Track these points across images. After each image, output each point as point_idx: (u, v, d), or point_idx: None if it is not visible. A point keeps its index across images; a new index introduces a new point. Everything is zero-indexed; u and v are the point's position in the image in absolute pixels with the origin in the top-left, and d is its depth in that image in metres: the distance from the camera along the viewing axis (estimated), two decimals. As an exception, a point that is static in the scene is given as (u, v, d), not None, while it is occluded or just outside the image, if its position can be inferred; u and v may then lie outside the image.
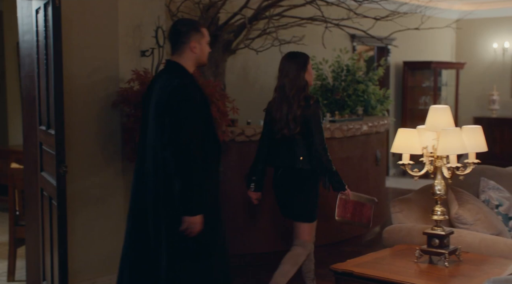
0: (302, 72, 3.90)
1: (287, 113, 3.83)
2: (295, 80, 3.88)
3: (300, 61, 3.93)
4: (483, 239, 3.32)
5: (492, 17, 10.99)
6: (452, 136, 2.90)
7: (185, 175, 2.94)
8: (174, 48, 3.25)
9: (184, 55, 3.22)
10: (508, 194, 3.91)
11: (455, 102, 10.77)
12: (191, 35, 3.22)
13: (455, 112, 10.75)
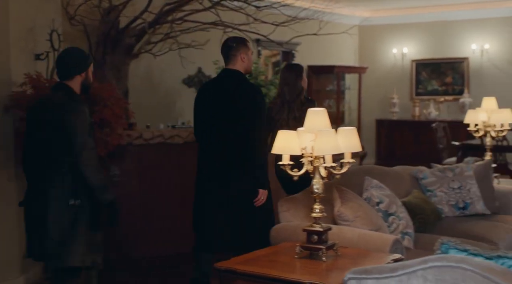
0: (299, 79, 4.82)
1: (288, 114, 4.69)
2: (293, 86, 4.78)
3: (297, 71, 4.86)
4: (361, 234, 3.51)
5: (391, 24, 11.50)
6: (327, 137, 3.06)
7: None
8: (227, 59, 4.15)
9: (236, 64, 4.11)
10: (389, 192, 4.15)
11: (358, 105, 11.19)
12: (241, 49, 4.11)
13: (358, 114, 11.17)
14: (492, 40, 10.62)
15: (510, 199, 4.98)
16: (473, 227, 4.44)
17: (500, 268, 2.15)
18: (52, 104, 3.45)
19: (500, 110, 5.62)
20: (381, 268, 2.31)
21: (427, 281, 2.19)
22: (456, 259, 2.16)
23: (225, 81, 4.14)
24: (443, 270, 2.16)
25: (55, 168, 3.36)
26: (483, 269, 2.10)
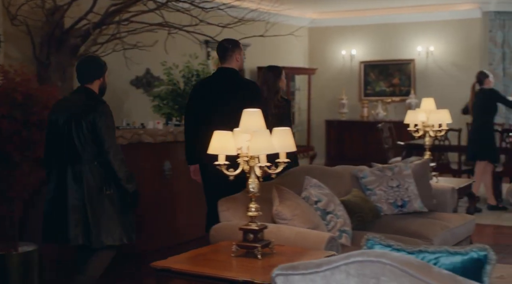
0: (277, 80, 5.30)
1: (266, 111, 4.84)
2: (272, 86, 5.26)
3: (275, 72, 5.36)
4: (298, 232, 3.59)
5: (340, 26, 11.68)
6: (262, 138, 3.13)
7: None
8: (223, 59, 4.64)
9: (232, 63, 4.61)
10: (328, 191, 4.24)
11: (307, 105, 11.32)
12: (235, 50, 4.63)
13: (307, 115, 11.31)
14: (437, 42, 10.90)
15: (447, 197, 5.14)
16: (410, 225, 4.57)
17: (417, 262, 2.25)
18: (80, 106, 3.92)
19: (438, 111, 5.80)
20: (307, 264, 2.38)
21: (349, 275, 2.27)
22: (376, 254, 2.24)
23: (224, 78, 4.65)
24: (364, 264, 2.24)
25: (89, 163, 3.86)
26: (400, 263, 2.19)
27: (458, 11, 10.67)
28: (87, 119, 3.84)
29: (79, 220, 3.82)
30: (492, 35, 10.52)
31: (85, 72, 4.05)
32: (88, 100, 3.94)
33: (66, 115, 3.91)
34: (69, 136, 3.87)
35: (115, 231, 3.88)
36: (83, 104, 3.92)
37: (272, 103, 5.17)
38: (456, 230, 4.70)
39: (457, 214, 5.14)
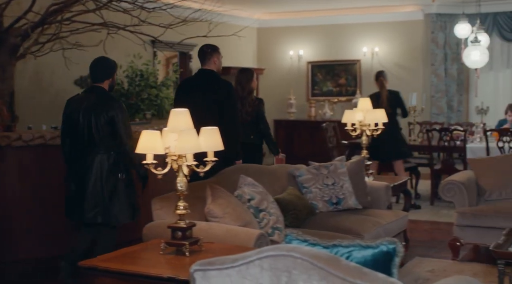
0: (250, 81, 6.09)
1: (241, 109, 5.85)
2: (245, 86, 6.05)
3: (248, 74, 6.16)
4: (229, 230, 3.66)
5: (288, 26, 11.82)
6: (189, 137, 3.19)
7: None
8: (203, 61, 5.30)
9: (211, 65, 5.23)
10: (262, 189, 4.32)
11: (256, 105, 11.40)
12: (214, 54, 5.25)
13: (256, 115, 11.38)
14: (381, 43, 11.13)
15: (381, 194, 5.29)
16: (343, 221, 4.69)
17: (326, 256, 2.34)
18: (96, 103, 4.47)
19: (375, 110, 5.94)
20: (224, 259, 2.45)
21: (263, 269, 2.35)
22: (287, 248, 2.33)
23: (203, 77, 5.30)
24: (276, 258, 2.32)
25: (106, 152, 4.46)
26: (310, 256, 2.27)
27: (401, 13, 10.92)
28: (105, 115, 4.43)
29: (97, 202, 4.43)
30: (434, 36, 10.81)
31: (97, 72, 4.60)
32: (101, 97, 4.51)
33: (85, 111, 4.48)
34: (89, 130, 4.46)
35: (127, 211, 4.53)
36: (99, 101, 4.49)
37: (246, 102, 6.00)
38: (388, 226, 4.84)
39: (390, 210, 5.30)
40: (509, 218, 5.14)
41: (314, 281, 2.27)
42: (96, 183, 4.44)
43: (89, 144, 4.48)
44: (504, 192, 5.56)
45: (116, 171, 4.50)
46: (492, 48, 10.76)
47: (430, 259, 5.47)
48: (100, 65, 4.62)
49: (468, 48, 7.87)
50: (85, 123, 4.47)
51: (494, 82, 10.91)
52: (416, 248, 5.97)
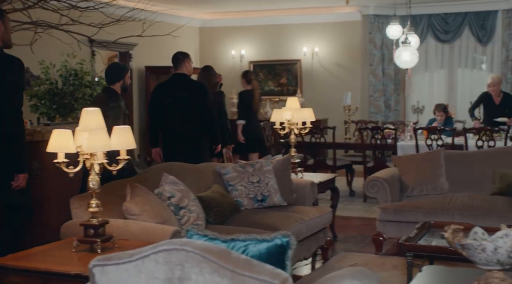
0: (213, 76, 7.33)
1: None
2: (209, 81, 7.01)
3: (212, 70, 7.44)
4: (145, 227, 3.72)
5: (230, 26, 11.90)
6: (99, 136, 3.24)
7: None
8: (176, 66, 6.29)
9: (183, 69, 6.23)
10: (183, 187, 4.40)
11: (198, 105, 11.46)
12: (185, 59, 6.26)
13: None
14: (321, 43, 11.33)
15: (306, 191, 5.42)
16: (266, 218, 4.79)
17: (217, 249, 2.42)
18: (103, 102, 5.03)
19: (302, 109, 6.08)
20: (121, 254, 2.51)
21: (158, 263, 2.42)
22: (180, 242, 2.40)
23: (177, 80, 6.19)
24: (170, 252, 2.40)
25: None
26: (202, 250, 2.36)
27: (340, 14, 11.14)
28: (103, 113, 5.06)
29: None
30: (372, 37, 11.06)
31: (109, 76, 5.41)
32: (109, 97, 5.23)
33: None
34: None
35: None
36: (105, 101, 5.14)
37: (211, 94, 6.63)
38: (311, 222, 4.97)
39: (315, 207, 5.43)
40: (428, 213, 5.34)
41: (206, 273, 2.36)
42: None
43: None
44: (425, 188, 5.76)
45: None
46: (427, 49, 11.11)
47: (355, 254, 5.64)
48: (111, 69, 5.47)
49: (399, 49, 8.10)
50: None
51: (429, 82, 11.24)
52: (344, 243, 6.14)
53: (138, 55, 10.18)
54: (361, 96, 11.06)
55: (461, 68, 11.00)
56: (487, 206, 5.27)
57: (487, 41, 10.65)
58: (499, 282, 2.64)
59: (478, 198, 5.43)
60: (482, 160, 5.85)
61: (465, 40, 10.86)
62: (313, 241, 5.13)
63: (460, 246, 2.61)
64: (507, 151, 5.96)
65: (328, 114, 10.85)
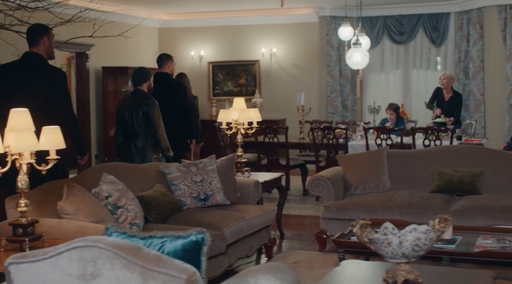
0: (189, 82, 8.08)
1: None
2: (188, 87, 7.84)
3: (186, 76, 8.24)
4: (78, 226, 3.77)
5: (189, 27, 11.95)
6: (26, 136, 3.28)
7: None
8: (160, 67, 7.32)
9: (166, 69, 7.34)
10: (122, 186, 4.45)
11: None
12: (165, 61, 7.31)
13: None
14: (279, 44, 11.45)
15: (250, 190, 5.50)
16: (207, 217, 4.85)
17: (128, 245, 2.49)
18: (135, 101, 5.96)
19: (248, 110, 6.17)
20: (36, 252, 2.56)
21: (71, 260, 2.48)
22: (93, 239, 2.47)
23: (161, 80, 6.92)
24: (83, 249, 2.46)
25: (145, 138, 5.94)
26: (113, 246, 2.42)
27: (297, 15, 11.27)
28: (142, 110, 5.87)
29: None
30: (329, 38, 11.21)
31: (136, 78, 6.09)
32: (140, 97, 5.97)
33: (129, 108, 5.94)
34: (131, 122, 5.91)
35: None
36: (137, 100, 5.94)
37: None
38: (252, 220, 5.05)
39: (258, 205, 5.52)
40: (369, 211, 5.47)
41: (117, 269, 2.42)
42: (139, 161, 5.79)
43: (132, 133, 5.95)
44: (368, 186, 5.89)
45: (152, 152, 5.95)
46: (383, 50, 11.30)
47: (299, 251, 5.75)
48: (138, 73, 6.16)
49: (350, 50, 8.24)
50: (129, 117, 5.93)
51: (385, 82, 11.43)
52: (291, 241, 6.25)
53: (95, 56, 10.17)
54: (318, 96, 11.21)
55: (416, 69, 11.21)
56: (425, 204, 5.41)
57: (440, 43, 10.88)
58: (406, 274, 2.76)
59: (417, 195, 5.58)
60: (423, 159, 6.01)
61: (420, 42, 11.07)
62: (256, 239, 5.21)
63: (368, 241, 2.72)
64: (447, 150, 6.13)
65: (286, 114, 10.97)
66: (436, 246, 4.08)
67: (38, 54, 4.84)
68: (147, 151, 5.93)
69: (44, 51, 4.88)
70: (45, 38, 4.88)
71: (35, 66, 4.83)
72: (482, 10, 10.25)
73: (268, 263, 2.79)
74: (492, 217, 5.10)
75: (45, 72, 4.84)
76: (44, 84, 4.77)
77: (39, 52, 4.86)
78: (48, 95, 4.74)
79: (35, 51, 4.87)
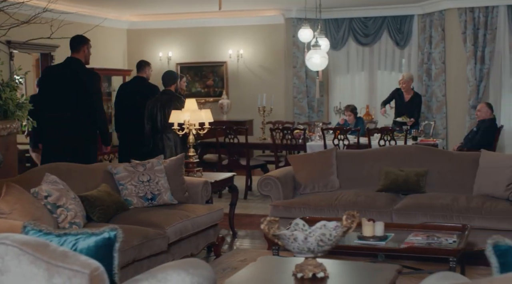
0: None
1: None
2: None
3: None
4: (12, 225, 3.79)
5: (157, 28, 12.01)
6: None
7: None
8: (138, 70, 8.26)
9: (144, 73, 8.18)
10: (63, 186, 4.51)
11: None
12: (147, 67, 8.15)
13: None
14: (246, 46, 11.55)
15: (199, 190, 5.59)
16: (151, 216, 4.92)
17: (36, 242, 2.57)
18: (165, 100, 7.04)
19: (201, 111, 6.25)
20: None
21: (-19, 258, 2.56)
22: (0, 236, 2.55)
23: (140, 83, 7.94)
24: (-8, 246, 2.54)
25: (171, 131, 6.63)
26: (20, 243, 2.50)
27: (264, 17, 11.38)
28: (169, 107, 6.73)
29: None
30: (295, 39, 11.28)
31: (166, 80, 7.15)
32: (169, 97, 7.01)
33: (158, 106, 6.97)
34: (161, 117, 6.89)
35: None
36: (167, 99, 6.98)
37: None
38: (197, 219, 5.14)
39: (206, 205, 5.60)
40: (315, 209, 5.58)
41: (24, 265, 2.50)
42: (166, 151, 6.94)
43: (162, 126, 6.91)
44: (317, 186, 6.01)
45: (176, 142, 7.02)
46: (349, 51, 11.44)
47: (247, 250, 5.84)
48: (166, 76, 7.19)
49: (310, 52, 8.35)
50: (159, 113, 6.94)
51: (351, 83, 11.57)
52: (242, 239, 6.35)
53: (61, 57, 10.17)
54: (285, 97, 11.32)
55: (381, 70, 11.36)
56: (369, 202, 5.53)
57: (404, 45, 11.03)
58: (313, 268, 2.86)
59: (363, 194, 5.69)
60: (371, 159, 6.13)
61: (384, 43, 11.22)
62: (202, 237, 5.31)
63: (275, 236, 2.82)
64: (394, 150, 6.25)
65: (254, 115, 11.05)
66: (368, 242, 4.21)
67: (78, 59, 6.21)
68: (178, 142, 6.91)
69: (83, 57, 6.26)
70: (85, 47, 6.28)
71: (76, 68, 6.17)
72: (444, 13, 10.41)
73: (185, 259, 2.87)
74: (432, 215, 5.23)
75: (82, 73, 6.18)
76: (82, 82, 6.10)
77: (79, 57, 6.23)
78: (84, 92, 6.10)
79: (76, 56, 6.25)
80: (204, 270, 2.88)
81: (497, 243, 2.27)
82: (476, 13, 10.03)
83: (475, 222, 5.11)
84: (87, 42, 6.34)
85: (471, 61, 10.02)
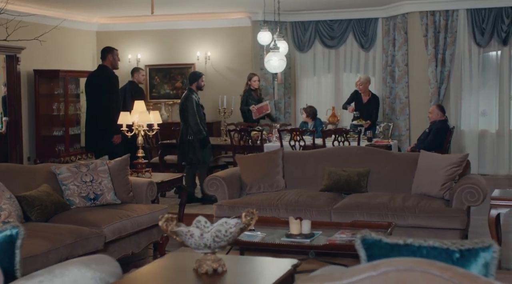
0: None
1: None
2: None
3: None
4: None
5: (127, 30, 12.11)
6: None
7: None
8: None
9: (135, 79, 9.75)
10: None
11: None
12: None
13: (93, 117, 11.56)
14: (213, 48, 11.66)
15: (143, 190, 5.68)
16: (91, 215, 5.01)
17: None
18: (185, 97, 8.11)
19: (148, 112, 6.35)
20: None
21: None
22: None
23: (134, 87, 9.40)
24: None
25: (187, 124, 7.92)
26: None
27: (231, 20, 11.49)
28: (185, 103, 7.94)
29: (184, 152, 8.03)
30: (262, 42, 11.42)
31: (190, 79, 8.17)
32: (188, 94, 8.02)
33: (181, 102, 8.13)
34: (182, 112, 7.96)
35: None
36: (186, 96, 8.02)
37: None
38: (138, 218, 5.24)
39: (150, 204, 5.69)
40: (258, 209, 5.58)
41: None
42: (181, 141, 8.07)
43: (182, 119, 7.98)
44: (263, 186, 6.12)
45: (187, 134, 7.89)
46: (315, 54, 11.57)
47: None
48: (191, 75, 8.29)
49: (268, 54, 8.46)
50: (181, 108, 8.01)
51: (317, 85, 11.70)
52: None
53: (27, 59, 10.26)
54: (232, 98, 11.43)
55: (346, 72, 11.49)
56: (310, 202, 5.65)
57: (369, 47, 11.18)
58: (211, 263, 2.97)
59: (305, 194, 5.81)
60: (316, 160, 6.25)
61: (350, 46, 11.36)
62: (144, 236, 5.40)
63: (173, 233, 2.92)
64: (339, 150, 6.38)
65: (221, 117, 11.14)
66: (294, 240, 4.33)
67: (105, 66, 7.72)
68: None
69: (109, 64, 7.75)
70: (109, 55, 7.76)
71: (102, 72, 7.69)
72: (406, 16, 10.57)
73: (91, 255, 2.97)
74: (368, 214, 5.36)
75: (106, 76, 7.63)
76: (105, 84, 7.56)
77: (106, 64, 7.75)
78: (107, 91, 7.53)
79: (103, 63, 7.76)
80: (108, 265, 2.97)
81: (364, 237, 2.38)
82: (437, 16, 10.20)
83: (409, 220, 5.24)
84: (112, 51, 7.81)
85: (432, 63, 10.19)
